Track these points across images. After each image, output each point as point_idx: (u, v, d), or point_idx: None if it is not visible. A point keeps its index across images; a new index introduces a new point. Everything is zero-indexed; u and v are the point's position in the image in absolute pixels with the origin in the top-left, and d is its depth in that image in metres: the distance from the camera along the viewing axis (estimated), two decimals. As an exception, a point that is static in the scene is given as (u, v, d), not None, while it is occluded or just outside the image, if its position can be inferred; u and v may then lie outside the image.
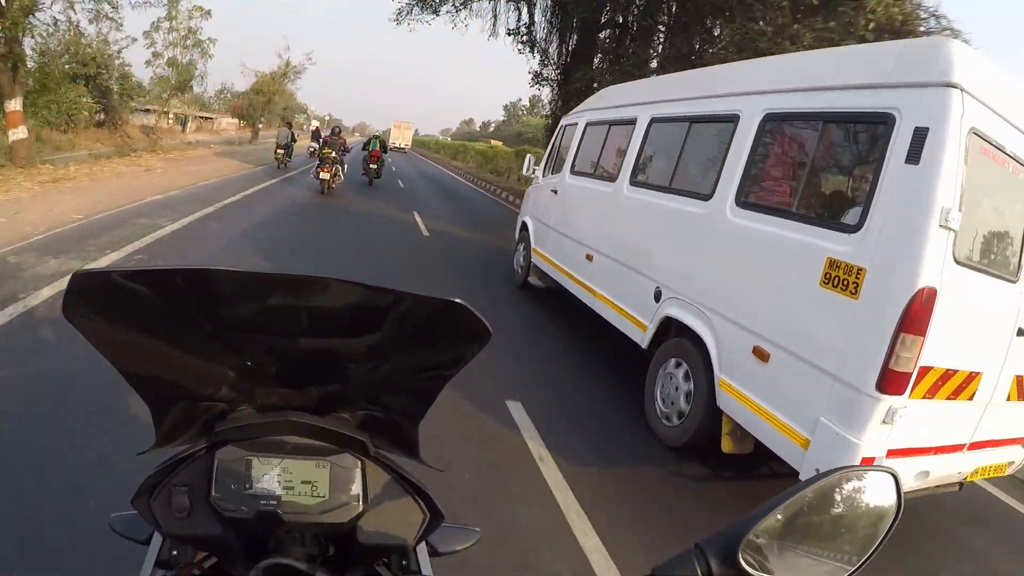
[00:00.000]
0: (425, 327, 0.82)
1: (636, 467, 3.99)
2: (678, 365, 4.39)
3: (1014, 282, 3.26)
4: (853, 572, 0.72)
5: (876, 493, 0.74)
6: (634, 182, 5.56)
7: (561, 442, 4.04)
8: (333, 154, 15.51)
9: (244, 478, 0.88)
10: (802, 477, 3.13)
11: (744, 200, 4.00)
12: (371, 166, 19.30)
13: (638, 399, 4.83)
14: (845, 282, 3.11)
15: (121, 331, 0.80)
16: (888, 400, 2.89)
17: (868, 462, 2.92)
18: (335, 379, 0.92)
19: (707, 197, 4.32)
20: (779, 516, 0.69)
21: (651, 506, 3.54)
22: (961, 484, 3.61)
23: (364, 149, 20.28)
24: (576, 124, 7.52)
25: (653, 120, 5.54)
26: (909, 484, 3.18)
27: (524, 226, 8.54)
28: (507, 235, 10.30)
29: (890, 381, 2.87)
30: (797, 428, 3.23)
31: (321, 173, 15.20)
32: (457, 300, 0.76)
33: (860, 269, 3.05)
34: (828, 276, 3.20)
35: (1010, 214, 3.34)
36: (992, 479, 4.35)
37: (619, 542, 3.11)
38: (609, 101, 6.93)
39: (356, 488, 0.90)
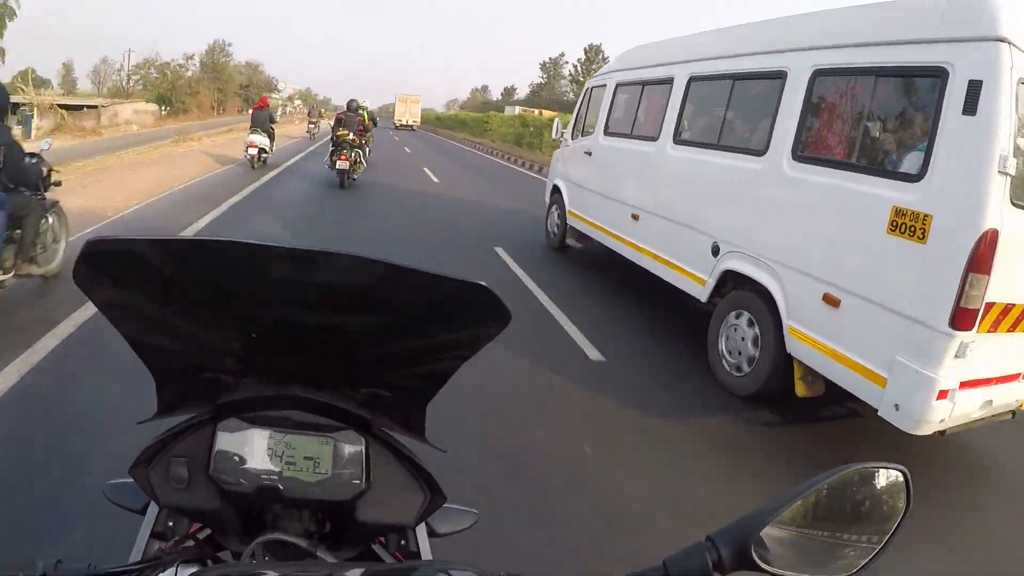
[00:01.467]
0: (442, 308, 0.80)
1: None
2: (740, 316, 4.64)
3: None
4: (864, 564, 0.73)
5: (887, 489, 0.75)
6: (678, 140, 5.73)
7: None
8: (351, 136, 12.75)
9: (245, 451, 0.87)
10: (880, 413, 3.42)
11: (801, 154, 4.19)
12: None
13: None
14: (912, 228, 3.33)
15: (130, 298, 0.80)
16: (960, 336, 3.15)
17: (944, 395, 3.19)
18: (343, 355, 0.89)
19: (761, 152, 4.51)
20: (791, 510, 0.69)
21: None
22: (1014, 412, 3.87)
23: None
24: (604, 86, 7.64)
25: (692, 79, 5.68)
26: (975, 413, 3.46)
27: (556, 189, 8.72)
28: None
29: (961, 318, 3.13)
30: (873, 368, 3.49)
31: (339, 161, 12.40)
32: (481, 283, 0.74)
33: (926, 216, 3.27)
34: (895, 223, 3.43)
35: None
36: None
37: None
38: (637, 62, 7.04)
39: (358, 466, 0.90)
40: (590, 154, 7.65)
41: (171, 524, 0.94)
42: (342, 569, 0.78)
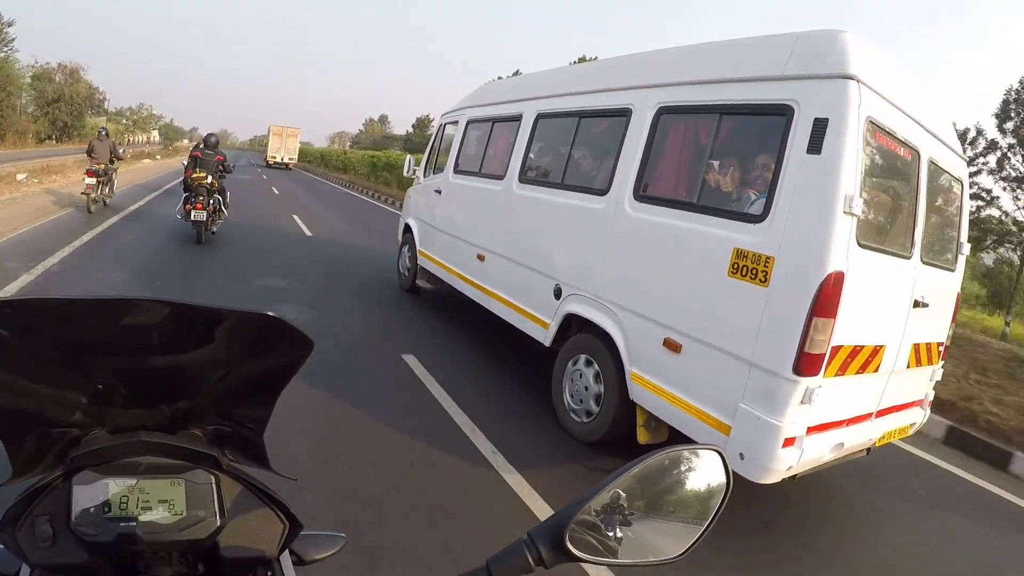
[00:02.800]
0: (252, 340, 0.84)
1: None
2: (584, 361, 4.37)
3: (908, 258, 3.50)
4: (690, 547, 0.76)
5: (706, 470, 0.76)
6: (524, 179, 5.49)
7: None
8: (209, 179, 10.15)
9: (102, 502, 0.87)
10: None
11: (643, 194, 4.02)
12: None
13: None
14: (754, 271, 3.18)
15: None
16: (805, 382, 2.98)
17: (790, 442, 3.01)
18: (183, 396, 0.92)
19: (603, 192, 4.32)
20: (609, 498, 0.72)
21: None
22: (868, 449, 3.81)
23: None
24: (456, 123, 7.39)
25: (540, 116, 5.49)
26: (826, 457, 3.33)
27: (407, 228, 8.35)
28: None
29: (806, 363, 2.96)
30: (716, 415, 3.28)
31: (195, 211, 9.86)
32: (271, 313, 0.77)
33: (768, 258, 3.12)
34: (736, 266, 3.27)
35: (902, 195, 3.57)
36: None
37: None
38: (490, 98, 6.83)
39: (212, 503, 0.90)
40: (440, 192, 7.31)
41: None
42: None
